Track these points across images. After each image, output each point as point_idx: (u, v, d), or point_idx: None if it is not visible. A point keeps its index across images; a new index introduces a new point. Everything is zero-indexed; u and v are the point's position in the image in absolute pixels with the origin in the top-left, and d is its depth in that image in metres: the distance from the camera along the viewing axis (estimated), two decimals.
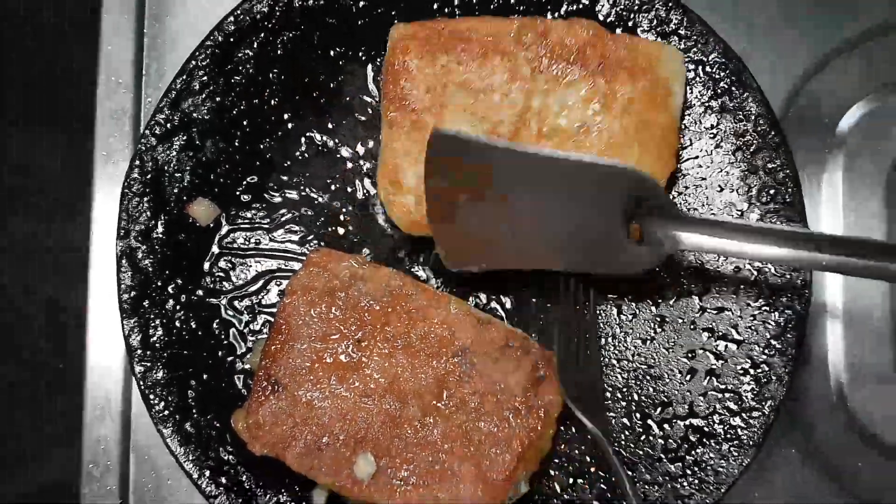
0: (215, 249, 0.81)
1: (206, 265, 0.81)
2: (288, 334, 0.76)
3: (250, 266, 0.82)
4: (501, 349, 0.75)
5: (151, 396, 0.76)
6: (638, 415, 0.79)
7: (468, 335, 0.76)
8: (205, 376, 0.79)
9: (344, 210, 0.82)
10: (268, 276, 0.82)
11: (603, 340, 0.80)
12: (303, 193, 0.83)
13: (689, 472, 0.76)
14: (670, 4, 0.79)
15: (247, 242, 0.82)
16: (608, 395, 0.79)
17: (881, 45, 0.87)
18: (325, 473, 0.74)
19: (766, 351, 0.77)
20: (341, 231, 0.82)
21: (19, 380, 0.84)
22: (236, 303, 0.81)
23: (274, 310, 0.81)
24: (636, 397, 0.79)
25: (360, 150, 0.82)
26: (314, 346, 0.75)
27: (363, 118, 0.83)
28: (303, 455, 0.74)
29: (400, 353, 0.75)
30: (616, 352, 0.80)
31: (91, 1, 0.87)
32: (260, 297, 0.82)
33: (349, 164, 0.82)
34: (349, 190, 0.82)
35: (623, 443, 0.78)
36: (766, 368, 0.76)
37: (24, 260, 0.85)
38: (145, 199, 0.79)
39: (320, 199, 0.82)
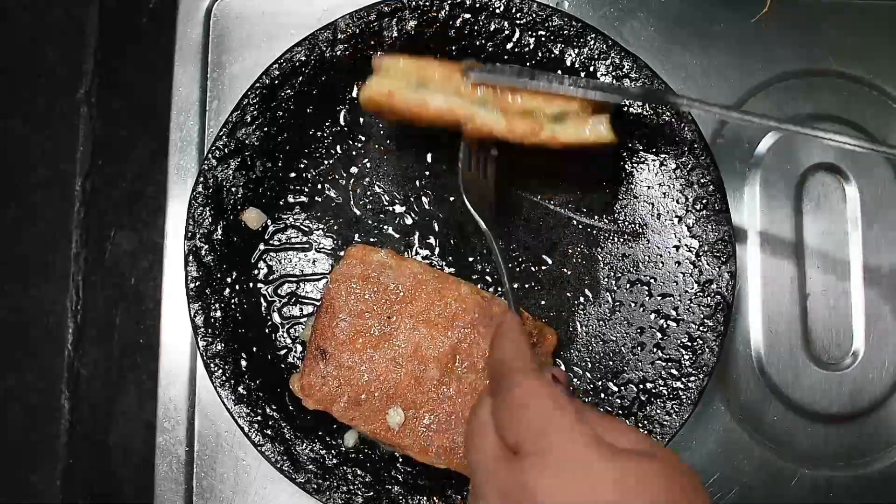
0: (262, 248, 0.86)
1: (255, 260, 0.85)
2: (333, 313, 0.80)
3: (290, 261, 0.86)
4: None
5: (212, 365, 0.80)
6: (600, 380, 0.83)
7: (475, 310, 0.80)
8: (254, 349, 0.83)
9: (362, 215, 0.87)
10: (305, 269, 0.86)
11: (569, 321, 0.85)
12: (331, 203, 0.87)
13: (640, 424, 0.80)
14: (623, 54, 0.82)
15: (288, 242, 0.86)
16: (579, 365, 0.84)
17: (787, 88, 0.92)
18: (363, 423, 0.79)
19: (701, 328, 0.81)
20: (361, 233, 0.87)
21: (110, 353, 0.90)
22: (279, 290, 0.85)
23: (309, 296, 0.85)
24: (598, 366, 0.83)
25: (370, 167, 0.87)
26: (354, 322, 0.80)
27: (377, 146, 0.87)
28: (345, 409, 0.79)
29: (421, 326, 0.80)
30: (582, 331, 0.85)
31: (166, 54, 0.92)
32: (298, 285, 0.86)
33: (365, 179, 0.87)
34: (367, 198, 0.87)
35: (589, 402, 0.82)
36: (701, 342, 0.81)
37: (116, 258, 0.92)
38: (208, 208, 0.82)
39: (344, 207, 0.87)
